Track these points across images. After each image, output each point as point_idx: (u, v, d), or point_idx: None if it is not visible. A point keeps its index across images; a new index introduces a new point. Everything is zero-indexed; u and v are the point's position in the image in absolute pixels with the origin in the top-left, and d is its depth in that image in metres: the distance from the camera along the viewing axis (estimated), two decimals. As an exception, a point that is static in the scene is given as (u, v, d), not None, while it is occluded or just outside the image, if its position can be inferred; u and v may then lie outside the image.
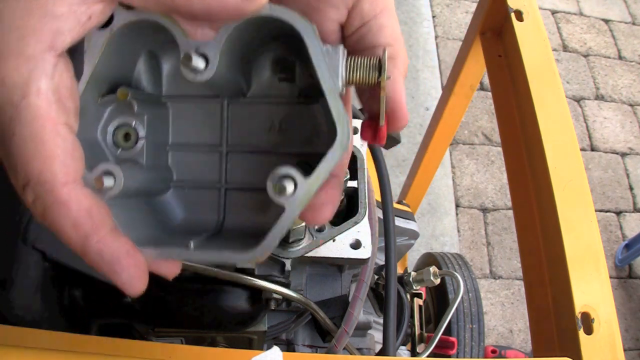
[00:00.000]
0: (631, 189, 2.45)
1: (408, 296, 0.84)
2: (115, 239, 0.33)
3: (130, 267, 0.33)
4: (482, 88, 2.57)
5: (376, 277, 0.77)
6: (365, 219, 0.64)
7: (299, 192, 0.32)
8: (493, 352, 1.67)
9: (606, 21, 3.01)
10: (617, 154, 2.54)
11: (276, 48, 0.41)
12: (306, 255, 0.61)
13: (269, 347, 0.53)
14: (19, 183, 0.32)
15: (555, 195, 0.69)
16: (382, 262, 0.71)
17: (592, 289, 0.62)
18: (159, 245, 0.35)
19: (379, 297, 0.77)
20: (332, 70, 0.34)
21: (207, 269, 0.59)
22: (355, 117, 0.75)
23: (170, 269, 0.38)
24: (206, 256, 0.36)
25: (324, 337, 0.65)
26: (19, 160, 0.31)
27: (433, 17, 2.83)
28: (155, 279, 0.61)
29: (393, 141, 0.97)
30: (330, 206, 0.39)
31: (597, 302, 0.61)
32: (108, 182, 0.33)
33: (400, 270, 1.20)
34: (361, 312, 0.65)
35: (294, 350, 0.77)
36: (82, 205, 0.32)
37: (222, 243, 0.38)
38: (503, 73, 0.91)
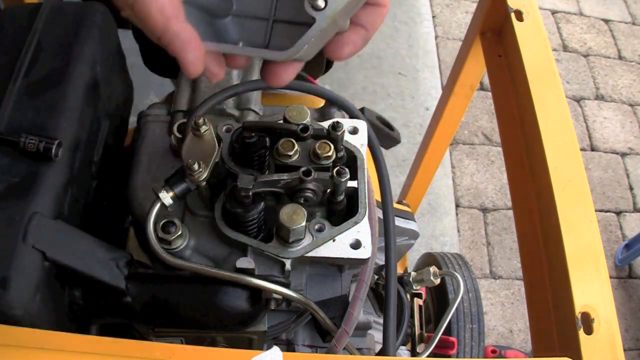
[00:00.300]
0: (631, 189, 2.44)
1: (408, 296, 0.84)
2: (188, 26, 0.43)
3: (196, 49, 0.44)
4: (482, 88, 2.56)
5: (376, 277, 0.77)
6: (365, 219, 0.64)
7: (328, 8, 0.43)
8: (493, 352, 1.67)
9: (606, 21, 3.01)
10: (617, 154, 2.53)
11: None
12: (306, 255, 0.61)
13: (269, 347, 0.53)
14: None
15: (555, 195, 0.69)
16: (382, 262, 0.71)
17: (592, 289, 0.62)
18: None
19: (379, 297, 0.77)
20: None
21: (207, 269, 0.59)
22: (355, 117, 0.75)
23: (216, 70, 0.48)
24: (251, 52, 0.48)
25: (324, 337, 0.65)
26: None
27: (433, 17, 2.83)
28: (156, 280, 0.61)
29: (393, 141, 0.97)
30: (351, 47, 0.49)
31: (597, 302, 0.61)
32: None
33: (400, 270, 1.20)
34: (361, 312, 0.65)
35: (294, 350, 0.77)
36: None
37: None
38: (503, 73, 0.91)
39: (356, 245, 0.62)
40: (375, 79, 2.51)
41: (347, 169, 0.61)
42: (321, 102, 0.86)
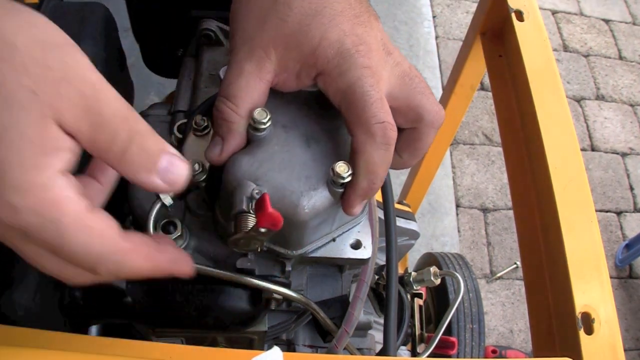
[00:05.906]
0: (632, 189, 2.44)
1: (408, 296, 0.84)
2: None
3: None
4: (482, 88, 2.56)
5: (376, 277, 0.77)
6: (366, 219, 0.64)
7: None
8: (493, 352, 1.67)
9: (607, 21, 3.01)
10: (618, 154, 2.53)
11: None
12: (306, 255, 0.61)
13: (269, 347, 0.53)
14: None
15: (555, 195, 0.69)
16: (382, 262, 0.71)
17: (592, 289, 0.62)
18: None
19: (379, 297, 0.77)
20: None
21: (208, 269, 0.59)
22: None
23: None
24: None
25: (324, 337, 0.65)
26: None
27: (433, 17, 2.83)
28: (156, 280, 0.61)
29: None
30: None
31: (597, 302, 0.61)
32: None
33: (400, 270, 1.20)
34: (361, 312, 0.65)
35: (294, 350, 0.77)
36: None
37: None
38: (503, 73, 0.91)
39: (356, 245, 0.62)
40: (376, 79, 2.51)
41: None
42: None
